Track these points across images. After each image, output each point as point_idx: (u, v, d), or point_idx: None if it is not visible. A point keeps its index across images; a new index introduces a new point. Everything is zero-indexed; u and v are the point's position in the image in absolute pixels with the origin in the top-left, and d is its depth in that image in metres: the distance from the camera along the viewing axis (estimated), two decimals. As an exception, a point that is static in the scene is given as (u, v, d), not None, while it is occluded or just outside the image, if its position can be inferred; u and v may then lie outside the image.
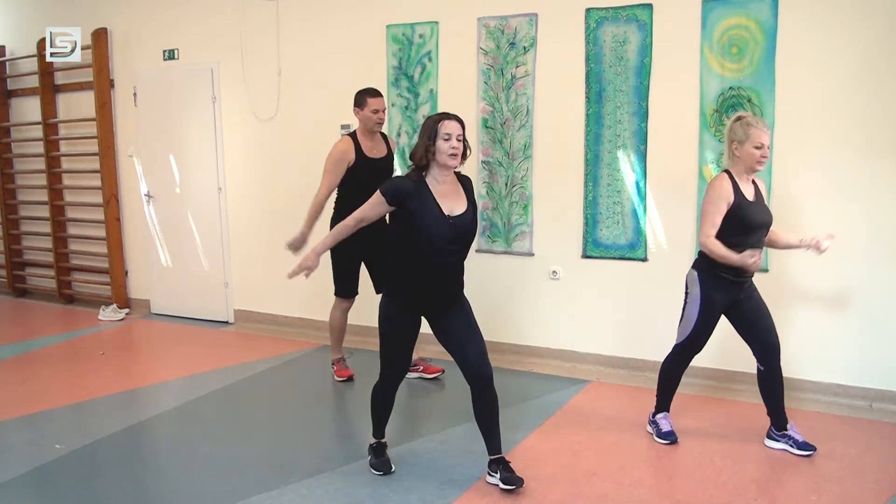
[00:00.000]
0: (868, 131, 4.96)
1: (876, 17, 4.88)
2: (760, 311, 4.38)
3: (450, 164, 3.74)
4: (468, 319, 3.97)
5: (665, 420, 4.65)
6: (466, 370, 3.91)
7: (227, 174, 7.52)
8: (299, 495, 3.96)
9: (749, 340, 4.42)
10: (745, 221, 4.15)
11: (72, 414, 5.28)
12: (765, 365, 4.38)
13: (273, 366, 6.26)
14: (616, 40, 5.60)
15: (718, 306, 4.31)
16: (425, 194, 3.75)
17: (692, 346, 4.46)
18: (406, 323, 3.97)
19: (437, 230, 3.72)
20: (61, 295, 8.73)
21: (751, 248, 4.19)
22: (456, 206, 3.79)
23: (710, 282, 4.25)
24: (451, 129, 3.73)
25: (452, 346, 3.96)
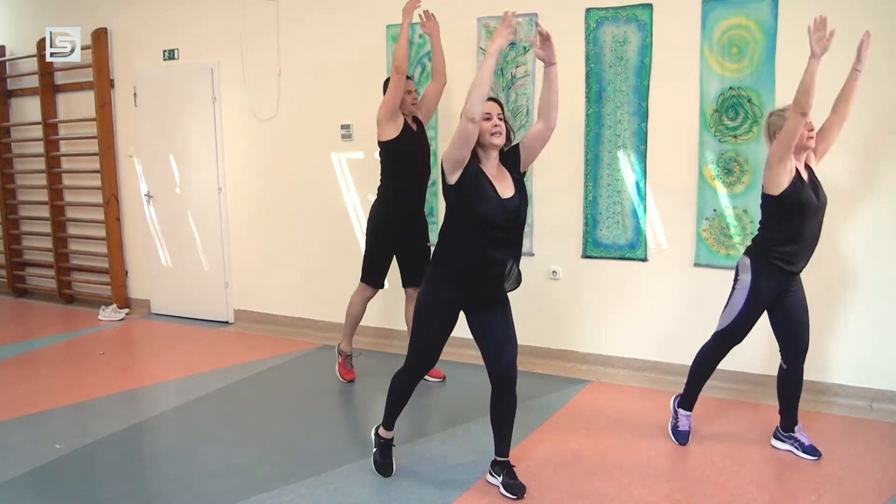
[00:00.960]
0: (869, 130, 4.96)
1: (876, 17, 4.88)
2: (802, 310, 4.32)
3: (494, 142, 3.70)
4: (507, 321, 3.93)
5: (687, 420, 4.61)
6: (495, 371, 3.89)
7: (227, 174, 7.52)
8: (299, 495, 3.97)
9: (782, 336, 4.36)
10: (800, 202, 4.05)
11: (72, 414, 5.28)
12: (789, 364, 4.35)
13: (273, 366, 6.26)
14: (616, 40, 5.60)
15: (767, 296, 4.23)
16: (481, 176, 3.70)
17: (733, 334, 4.38)
18: (446, 314, 3.88)
19: (491, 211, 3.65)
20: (61, 295, 8.73)
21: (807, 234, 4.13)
22: (505, 190, 3.74)
23: (763, 269, 4.18)
24: (491, 110, 3.70)
25: (487, 343, 3.91)
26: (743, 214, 5.32)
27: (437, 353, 4.02)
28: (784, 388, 4.41)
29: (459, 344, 4.79)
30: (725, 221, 5.40)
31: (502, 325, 3.91)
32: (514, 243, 3.81)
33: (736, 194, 5.35)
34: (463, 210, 3.71)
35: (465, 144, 3.60)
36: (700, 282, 5.51)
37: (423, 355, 3.99)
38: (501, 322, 3.91)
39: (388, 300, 6.57)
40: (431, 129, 6.23)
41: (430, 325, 3.90)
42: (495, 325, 3.91)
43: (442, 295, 3.85)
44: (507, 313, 3.94)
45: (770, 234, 4.19)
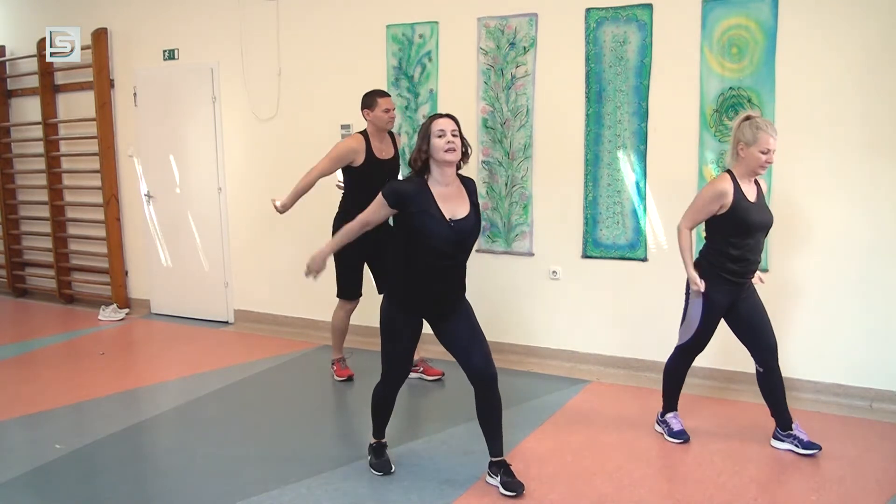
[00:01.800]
0: (869, 131, 4.96)
1: (876, 16, 4.88)
2: (758, 311, 4.38)
3: (447, 159, 3.71)
4: (470, 322, 3.96)
5: (675, 419, 4.64)
6: (470, 372, 3.91)
7: (227, 174, 7.52)
8: (299, 495, 3.97)
9: (747, 341, 4.42)
10: (745, 222, 4.15)
11: (72, 414, 5.28)
12: (763, 366, 4.38)
13: (273, 366, 6.26)
14: (616, 40, 5.60)
15: (720, 307, 4.31)
16: (427, 197, 3.73)
17: (694, 347, 4.47)
18: (407, 325, 3.96)
19: (438, 234, 3.70)
20: (61, 295, 8.73)
21: (750, 249, 4.21)
22: (458, 210, 3.77)
23: (712, 283, 4.25)
24: (444, 126, 3.72)
25: (455, 349, 3.95)
26: (743, 214, 5.32)
27: (409, 362, 4.12)
28: (766, 389, 4.44)
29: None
30: (725, 221, 5.40)
31: (466, 327, 3.95)
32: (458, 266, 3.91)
33: (736, 194, 5.35)
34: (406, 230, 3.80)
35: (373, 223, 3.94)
36: (700, 282, 5.51)
37: (395, 365, 4.04)
38: (464, 325, 3.95)
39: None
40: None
41: (394, 340, 3.97)
42: (458, 329, 3.95)
43: (397, 311, 3.92)
44: (467, 313, 3.98)
45: (715, 250, 4.29)
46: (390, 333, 3.95)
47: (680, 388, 4.65)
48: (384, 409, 4.19)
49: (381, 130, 5.48)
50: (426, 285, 3.84)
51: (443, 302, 3.92)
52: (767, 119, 4.25)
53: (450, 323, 3.95)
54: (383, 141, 5.52)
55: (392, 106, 5.49)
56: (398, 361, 4.03)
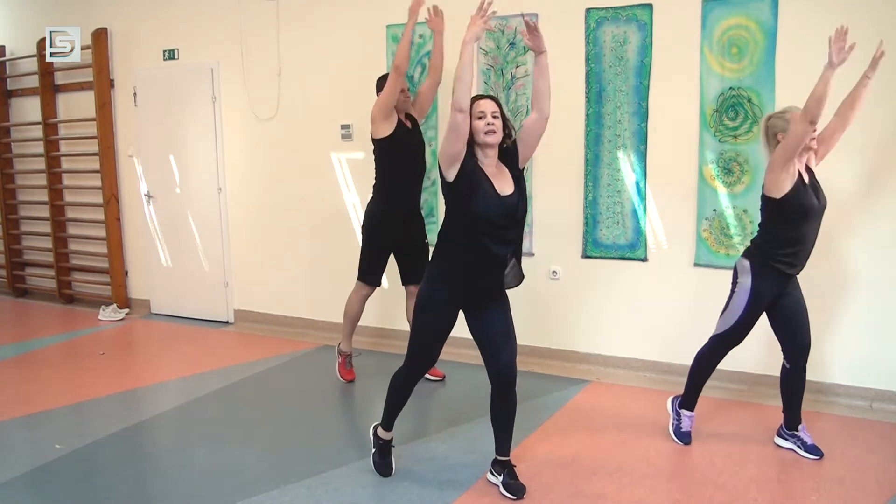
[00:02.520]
0: (868, 131, 4.95)
1: (876, 16, 4.87)
2: (801, 308, 4.33)
3: (488, 140, 3.67)
4: (506, 319, 3.92)
5: (689, 420, 4.62)
6: (494, 370, 3.88)
7: (227, 174, 7.52)
8: (299, 495, 3.97)
9: (783, 336, 4.37)
10: (802, 205, 4.07)
11: (72, 414, 5.28)
12: (791, 363, 4.36)
13: (273, 366, 6.26)
14: (616, 40, 5.60)
15: (767, 298, 4.24)
16: (479, 173, 3.69)
17: (732, 337, 4.39)
18: (445, 312, 3.87)
19: (490, 208, 3.64)
20: (61, 295, 8.73)
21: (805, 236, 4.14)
22: (505, 187, 3.72)
23: (763, 273, 4.18)
24: (485, 108, 3.69)
25: (487, 342, 3.90)
26: (743, 214, 5.32)
27: (437, 352, 4.01)
28: (787, 386, 4.42)
29: (459, 344, 4.79)
30: (725, 221, 5.40)
31: (501, 323, 3.90)
32: (513, 240, 3.80)
33: (736, 194, 5.35)
34: (461, 207, 3.70)
35: (457, 137, 3.58)
36: (700, 282, 5.51)
37: (423, 354, 3.97)
38: (501, 320, 3.90)
39: (387, 300, 6.58)
40: (431, 129, 6.24)
41: (429, 324, 3.89)
42: (494, 323, 3.89)
43: (441, 293, 3.83)
44: (506, 311, 3.93)
45: (771, 236, 4.19)
46: (426, 317, 3.88)
47: (704, 382, 4.57)
48: (401, 397, 4.11)
49: (399, 112, 5.48)
50: (474, 264, 3.75)
51: (487, 284, 3.83)
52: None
53: (487, 313, 3.90)
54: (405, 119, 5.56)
55: (406, 86, 5.50)
56: (427, 348, 3.95)
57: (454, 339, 4.11)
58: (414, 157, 5.57)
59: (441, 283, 3.83)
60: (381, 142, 5.42)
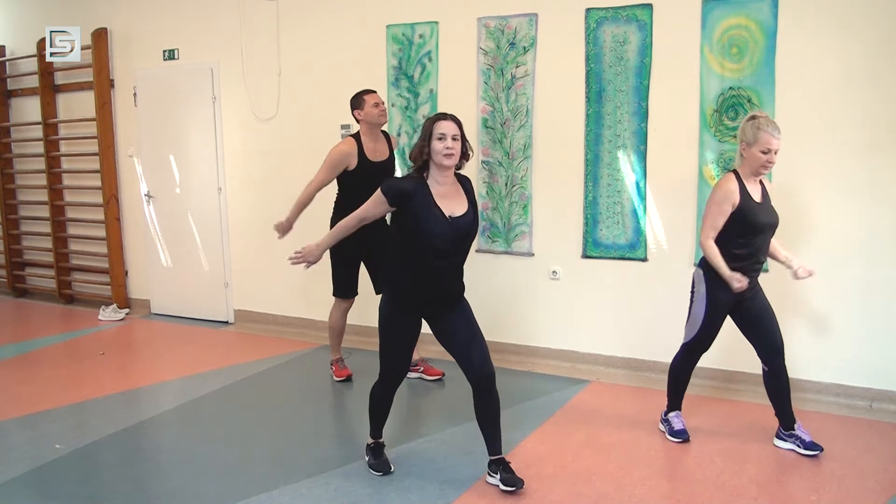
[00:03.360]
0: (868, 131, 4.96)
1: (875, 17, 4.88)
2: (765, 311, 4.37)
3: (445, 163, 3.73)
4: (469, 321, 3.96)
5: (677, 418, 4.65)
6: (469, 371, 3.91)
7: (226, 174, 7.52)
8: (299, 495, 3.97)
9: (753, 340, 4.41)
10: (751, 222, 4.15)
11: (72, 414, 5.28)
12: (769, 365, 4.39)
13: (273, 366, 6.27)
14: (616, 40, 5.61)
15: (724, 305, 4.30)
16: (426, 195, 3.74)
17: (699, 344, 4.45)
18: (406, 325, 3.96)
19: (437, 231, 3.72)
20: (61, 295, 8.73)
21: (756, 249, 4.22)
22: (456, 208, 3.79)
23: (716, 280, 4.23)
24: (446, 129, 3.73)
25: (454, 347, 3.96)
26: (743, 214, 5.32)
27: (408, 362, 4.12)
28: (771, 388, 4.45)
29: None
30: (725, 221, 5.40)
31: (465, 326, 3.95)
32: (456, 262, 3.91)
33: (736, 194, 5.35)
34: (407, 232, 3.80)
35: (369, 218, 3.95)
36: (700, 282, 5.51)
37: (393, 365, 4.04)
38: (464, 324, 3.95)
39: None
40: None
41: (392, 339, 3.98)
42: (458, 328, 3.95)
43: (395, 309, 3.93)
44: (466, 313, 3.98)
45: (721, 249, 4.24)
46: (389, 333, 3.96)
47: (685, 387, 4.64)
48: (382, 409, 4.19)
49: (374, 128, 5.46)
50: (425, 283, 3.84)
51: (442, 300, 3.92)
52: (771, 119, 4.24)
53: (448, 322, 3.96)
54: (377, 141, 5.51)
55: (380, 100, 5.47)
56: (396, 361, 4.02)
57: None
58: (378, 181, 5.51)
59: (398, 300, 3.92)
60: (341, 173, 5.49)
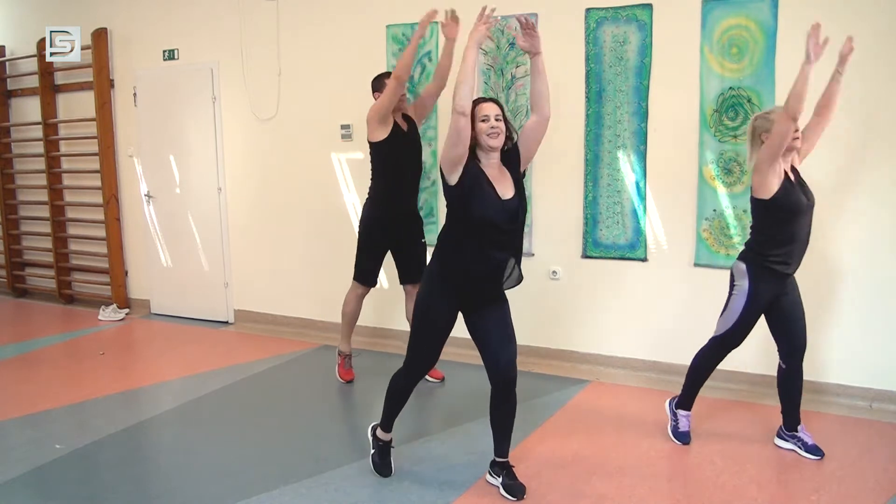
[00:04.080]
0: (868, 131, 4.96)
1: (874, 16, 4.88)
2: (798, 309, 4.33)
3: (491, 144, 3.69)
4: (506, 321, 3.91)
5: (685, 419, 4.63)
6: (494, 371, 3.87)
7: (226, 174, 7.52)
8: (299, 495, 3.97)
9: (780, 337, 4.37)
10: (791, 203, 4.07)
11: (72, 414, 5.28)
12: (788, 364, 4.36)
13: (273, 366, 6.27)
14: (616, 40, 5.61)
15: (765, 299, 4.24)
16: (482, 177, 3.70)
17: (732, 339, 4.39)
18: (445, 314, 3.87)
19: (492, 212, 3.65)
20: (61, 295, 8.73)
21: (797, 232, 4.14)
22: (506, 191, 3.73)
23: (760, 274, 4.19)
24: (488, 111, 3.70)
25: (486, 344, 3.90)
26: (743, 214, 5.32)
27: (437, 353, 4.01)
28: (784, 387, 4.42)
29: (459, 344, 4.78)
30: (725, 221, 5.40)
31: (501, 324, 3.89)
32: (514, 244, 3.80)
33: (736, 194, 5.35)
34: (463, 211, 3.70)
35: (459, 141, 3.59)
36: (700, 282, 5.51)
37: (423, 355, 3.97)
38: (500, 321, 3.90)
39: (384, 300, 6.58)
40: (431, 129, 6.24)
41: (429, 325, 3.89)
42: (494, 324, 3.89)
43: (441, 295, 3.84)
44: (505, 312, 3.92)
45: (763, 237, 4.20)
46: (425, 319, 3.88)
47: (702, 383, 4.58)
48: (400, 399, 4.12)
49: (395, 113, 5.46)
50: (478, 264, 3.75)
51: (487, 287, 3.83)
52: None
53: (486, 316, 3.89)
54: (400, 119, 5.52)
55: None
56: (427, 350, 3.95)
57: (454, 339, 4.10)
58: (410, 160, 5.55)
59: (441, 285, 3.83)
60: (377, 145, 5.41)
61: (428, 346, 3.94)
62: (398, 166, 5.47)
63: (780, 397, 4.46)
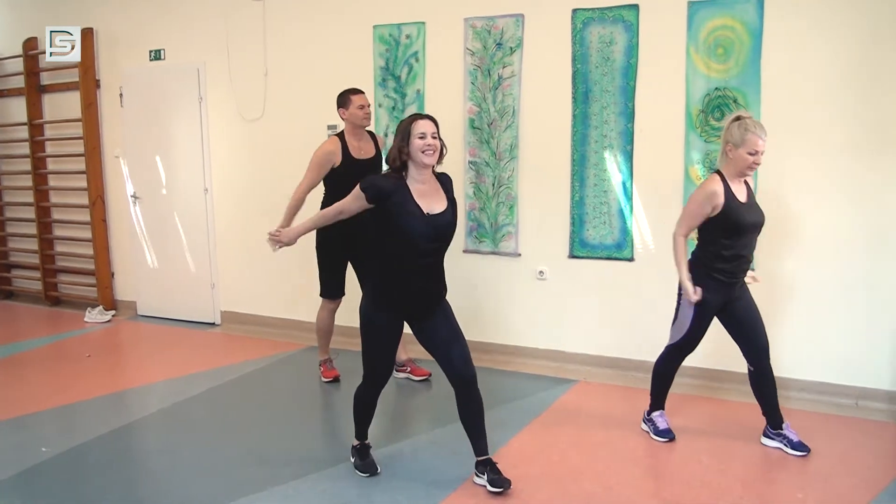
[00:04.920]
0: (852, 131, 4.99)
1: (860, 17, 4.91)
2: (751, 311, 4.38)
3: (426, 161, 3.75)
4: (450, 322, 3.96)
5: (661, 418, 4.66)
6: (450, 372, 3.92)
7: (213, 175, 7.50)
8: (286, 496, 3.96)
9: (739, 341, 4.42)
10: (737, 223, 4.15)
11: (58, 416, 5.26)
12: (755, 365, 4.40)
13: (259, 367, 6.25)
14: (602, 41, 5.62)
15: (712, 307, 4.31)
16: (405, 193, 3.75)
17: (686, 346, 4.47)
18: (387, 326, 3.94)
19: (416, 229, 3.72)
20: (47, 297, 8.69)
21: (742, 249, 4.22)
22: (435, 205, 3.79)
23: (704, 283, 4.24)
24: (425, 129, 3.75)
25: (435, 348, 3.96)
26: (729, 214, 5.34)
27: (391, 363, 4.10)
28: (758, 388, 4.47)
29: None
30: (711, 221, 5.42)
31: (446, 326, 3.95)
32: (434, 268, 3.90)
33: (722, 194, 5.37)
34: (385, 229, 3.80)
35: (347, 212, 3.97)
36: (686, 281, 5.53)
37: (377, 366, 4.03)
38: (444, 324, 3.95)
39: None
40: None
41: (374, 339, 3.96)
42: (439, 328, 3.95)
43: (376, 311, 3.92)
44: (448, 314, 3.98)
45: (708, 250, 4.27)
46: (371, 334, 3.95)
47: (668, 388, 4.66)
48: (366, 410, 4.18)
49: (357, 128, 5.46)
50: (405, 282, 3.83)
51: (422, 299, 3.91)
52: (757, 120, 4.25)
53: (429, 322, 3.95)
54: (361, 140, 5.50)
55: (366, 102, 5.47)
56: (379, 363, 4.01)
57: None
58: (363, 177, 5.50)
59: (378, 301, 3.91)
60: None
61: (379, 358, 4.01)
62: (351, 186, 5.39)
63: (757, 398, 4.51)
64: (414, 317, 3.97)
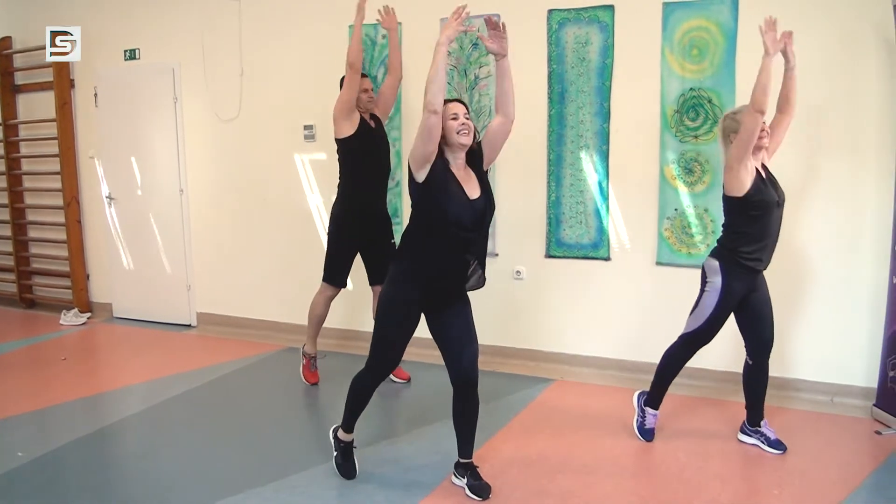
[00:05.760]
0: (825, 131, 5.04)
1: (835, 18, 4.96)
2: (767, 306, 4.37)
3: (462, 141, 3.68)
4: (468, 321, 3.92)
5: (653, 418, 4.65)
6: (456, 372, 3.88)
7: (188, 175, 7.46)
8: (264, 499, 3.95)
9: (749, 334, 4.41)
10: (762, 199, 4.11)
11: (34, 421, 5.20)
12: (754, 359, 4.41)
13: (236, 369, 6.23)
14: (578, 41, 5.64)
15: (737, 296, 4.27)
16: (449, 175, 3.70)
17: (702, 336, 4.42)
18: (408, 314, 3.86)
19: (461, 212, 3.65)
20: (22, 299, 8.60)
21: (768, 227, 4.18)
22: (473, 191, 3.74)
23: (733, 271, 4.21)
24: (457, 110, 3.70)
25: (448, 344, 3.90)
26: (704, 213, 5.38)
27: (400, 354, 4.01)
28: (750, 383, 4.47)
29: (425, 344, 4.77)
30: (686, 220, 5.46)
31: (463, 324, 3.90)
32: (478, 245, 3.81)
33: (697, 193, 5.41)
34: (429, 209, 3.70)
35: (430, 138, 3.58)
36: (662, 280, 5.57)
37: (386, 356, 3.96)
38: (462, 322, 3.91)
39: (352, 301, 6.57)
40: (395, 130, 6.23)
41: (391, 325, 3.88)
42: (456, 324, 3.90)
43: (404, 295, 3.83)
44: (467, 313, 3.93)
45: (736, 235, 4.23)
46: (390, 318, 3.86)
47: (671, 381, 4.60)
48: (362, 400, 4.10)
49: (363, 112, 5.45)
50: (442, 264, 3.75)
51: (452, 285, 3.83)
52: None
53: (448, 315, 3.90)
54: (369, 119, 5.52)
55: (370, 86, 5.49)
56: (391, 351, 3.94)
57: (420, 340, 4.12)
58: (378, 157, 5.54)
59: (404, 285, 3.82)
60: (344, 141, 5.39)
61: (391, 347, 3.94)
62: (366, 163, 5.45)
63: (745, 392, 4.51)
64: (436, 306, 3.89)
